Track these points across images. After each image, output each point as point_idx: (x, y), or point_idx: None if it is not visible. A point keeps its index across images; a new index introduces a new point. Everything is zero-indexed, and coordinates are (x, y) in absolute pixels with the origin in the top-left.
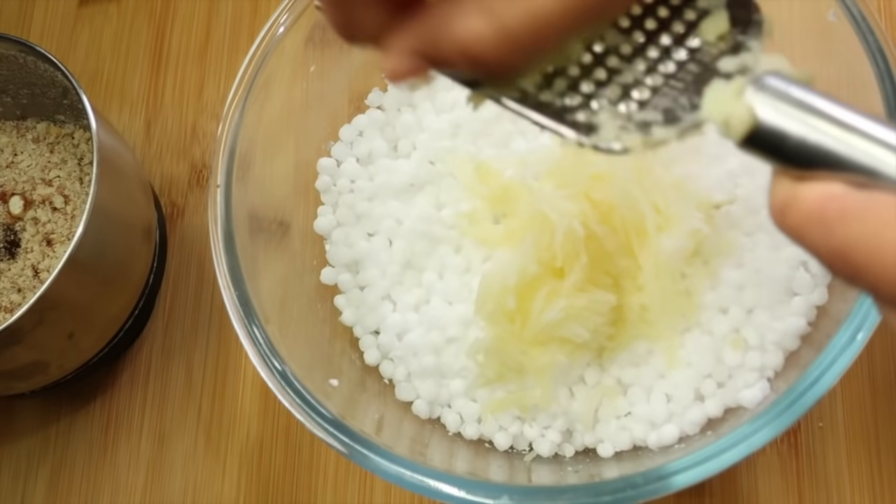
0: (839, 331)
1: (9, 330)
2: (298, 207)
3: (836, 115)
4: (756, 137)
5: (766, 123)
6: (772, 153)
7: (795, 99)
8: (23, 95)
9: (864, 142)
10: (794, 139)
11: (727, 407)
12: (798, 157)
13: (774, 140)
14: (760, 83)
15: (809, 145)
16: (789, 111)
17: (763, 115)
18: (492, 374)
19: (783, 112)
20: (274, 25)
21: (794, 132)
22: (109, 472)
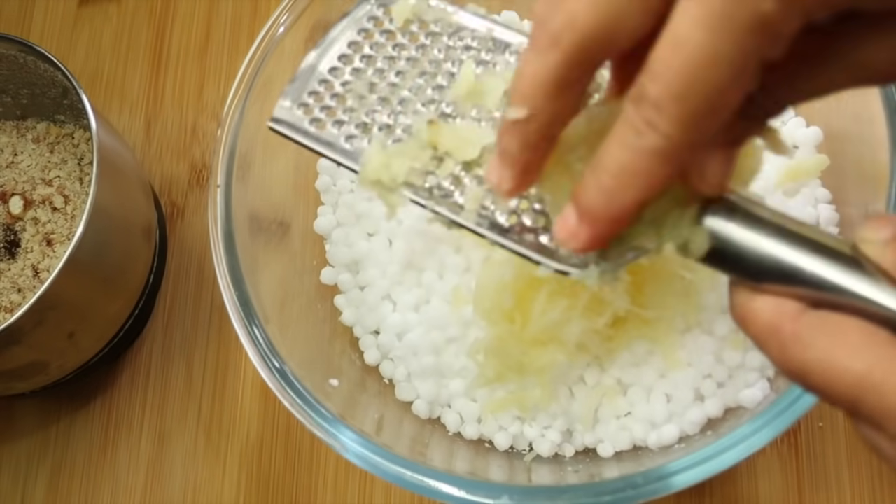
0: None
1: (9, 330)
2: (298, 207)
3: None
4: (713, 256)
5: (721, 244)
6: (729, 268)
7: (748, 218)
8: (23, 95)
9: (814, 259)
10: (749, 256)
11: (727, 407)
12: (754, 271)
13: (731, 257)
14: (715, 205)
15: (764, 262)
16: (742, 231)
17: (719, 236)
18: (492, 374)
19: (737, 232)
20: (274, 25)
21: (749, 250)
22: (109, 472)
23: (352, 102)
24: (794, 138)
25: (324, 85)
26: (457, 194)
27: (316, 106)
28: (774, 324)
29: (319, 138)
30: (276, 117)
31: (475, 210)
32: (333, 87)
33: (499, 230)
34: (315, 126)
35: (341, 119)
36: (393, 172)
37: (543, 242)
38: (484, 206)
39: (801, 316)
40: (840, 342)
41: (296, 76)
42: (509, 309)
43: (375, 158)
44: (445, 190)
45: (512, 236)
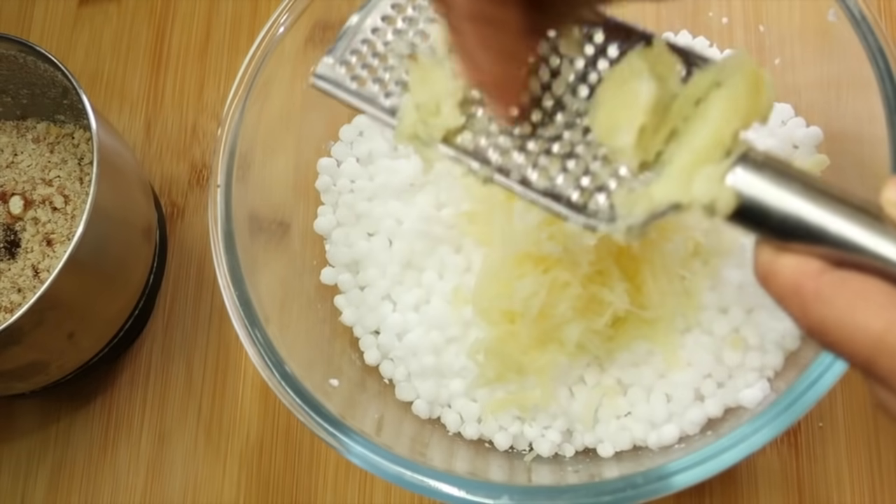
0: None
1: (9, 330)
2: (298, 207)
3: (814, 193)
4: (740, 214)
5: (748, 202)
6: (755, 226)
7: (775, 177)
8: (23, 95)
9: (838, 218)
10: (774, 215)
11: (727, 407)
12: (779, 230)
13: (757, 215)
14: (742, 162)
15: (789, 220)
16: (770, 189)
17: (746, 194)
18: (492, 374)
19: (764, 190)
20: (274, 25)
21: (775, 208)
22: (109, 472)
23: (393, 61)
24: (795, 138)
25: (366, 44)
26: (490, 150)
27: (358, 64)
28: (796, 281)
29: (360, 94)
30: (319, 73)
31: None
32: (375, 47)
33: (529, 186)
34: (356, 83)
35: (381, 77)
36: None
37: (573, 198)
38: (515, 163)
39: (822, 274)
40: (860, 301)
41: (339, 35)
42: (509, 309)
43: (411, 114)
44: (477, 145)
45: (542, 192)
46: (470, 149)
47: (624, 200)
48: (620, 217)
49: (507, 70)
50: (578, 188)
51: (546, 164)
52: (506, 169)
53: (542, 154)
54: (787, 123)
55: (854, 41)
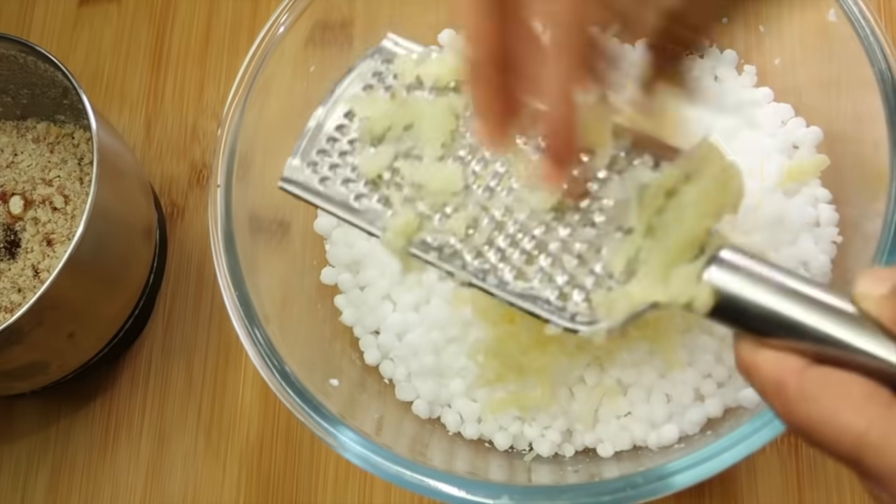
0: None
1: (9, 330)
2: (298, 207)
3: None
4: (718, 312)
5: (725, 300)
6: (733, 323)
7: (751, 274)
8: (23, 95)
9: (815, 315)
10: (752, 311)
11: (727, 407)
12: (757, 326)
13: (735, 312)
14: (717, 261)
15: (766, 317)
16: (745, 287)
17: (723, 291)
18: (492, 375)
19: (740, 288)
20: (274, 26)
21: (752, 305)
22: (109, 472)
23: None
24: (795, 138)
25: (331, 143)
26: (465, 252)
27: (324, 164)
28: (779, 378)
29: (329, 197)
30: (287, 177)
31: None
32: (341, 145)
33: (506, 289)
34: (323, 185)
35: (349, 178)
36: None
37: (551, 300)
38: (493, 265)
39: (804, 371)
40: (842, 399)
41: (303, 133)
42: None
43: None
44: (454, 248)
45: (519, 294)
46: (447, 252)
47: (602, 300)
48: (600, 318)
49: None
50: (556, 289)
51: (521, 265)
52: (482, 272)
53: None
54: (787, 123)
55: (854, 41)
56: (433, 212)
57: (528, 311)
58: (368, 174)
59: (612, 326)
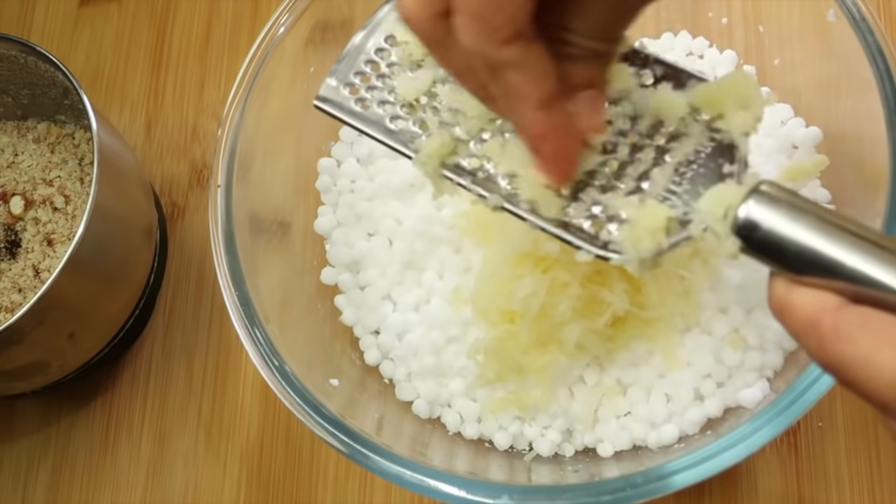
0: None
1: (10, 330)
2: (299, 207)
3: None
4: (754, 246)
5: (762, 234)
6: (769, 259)
7: (790, 210)
8: (23, 96)
9: (854, 253)
10: (789, 248)
11: (727, 407)
12: (794, 263)
13: (771, 248)
14: (755, 194)
15: (804, 254)
16: (784, 222)
17: (760, 226)
18: (492, 375)
19: (778, 223)
20: (274, 26)
21: (790, 242)
22: (110, 472)
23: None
24: (794, 138)
25: (370, 65)
26: (499, 178)
27: (362, 86)
28: (813, 316)
29: (364, 117)
30: (322, 96)
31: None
32: (379, 68)
33: (539, 214)
34: (360, 105)
35: (386, 100)
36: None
37: (584, 227)
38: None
39: (840, 310)
40: (880, 339)
41: (342, 56)
42: (508, 309)
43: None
44: (488, 172)
45: (552, 220)
46: (480, 176)
47: (633, 231)
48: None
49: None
50: (590, 217)
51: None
52: (515, 196)
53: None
54: (786, 123)
55: (854, 41)
56: (469, 137)
57: (559, 237)
58: (406, 97)
59: (643, 257)
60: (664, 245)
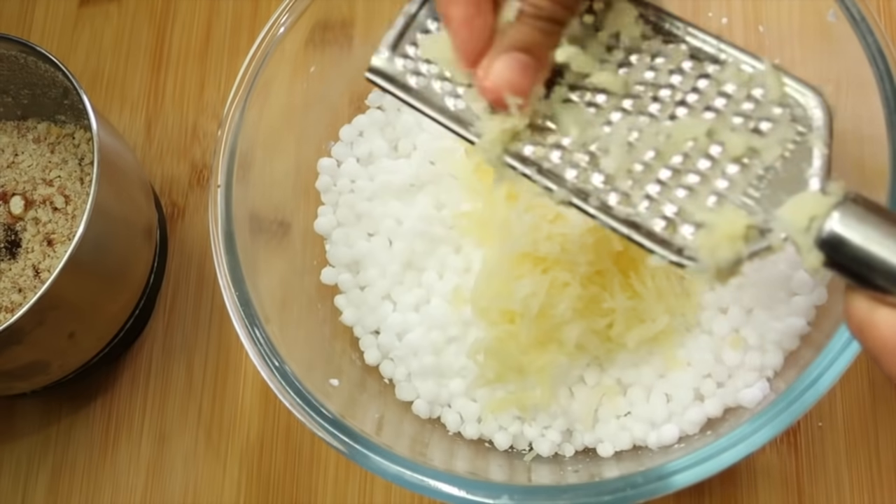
0: (839, 330)
1: (10, 330)
2: (299, 207)
3: None
4: (838, 262)
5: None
6: (852, 275)
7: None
8: (23, 96)
9: None
10: (878, 265)
11: (727, 407)
12: (880, 281)
13: (858, 265)
14: (842, 206)
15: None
16: (874, 237)
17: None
18: (492, 375)
19: (868, 238)
20: (274, 26)
21: (879, 259)
22: (110, 472)
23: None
24: None
25: (427, 36)
26: (566, 170)
27: (418, 59)
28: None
29: (421, 95)
30: (375, 67)
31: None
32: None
33: (609, 212)
34: (416, 80)
35: (445, 76)
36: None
37: (656, 230)
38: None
39: None
40: None
41: (395, 23)
42: (508, 309)
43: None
44: (553, 163)
45: (622, 220)
46: (545, 166)
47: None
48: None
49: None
50: (663, 218)
51: (627, 188)
52: (584, 191)
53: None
54: None
55: (854, 41)
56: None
57: (631, 239)
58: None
59: (721, 266)
60: (744, 254)
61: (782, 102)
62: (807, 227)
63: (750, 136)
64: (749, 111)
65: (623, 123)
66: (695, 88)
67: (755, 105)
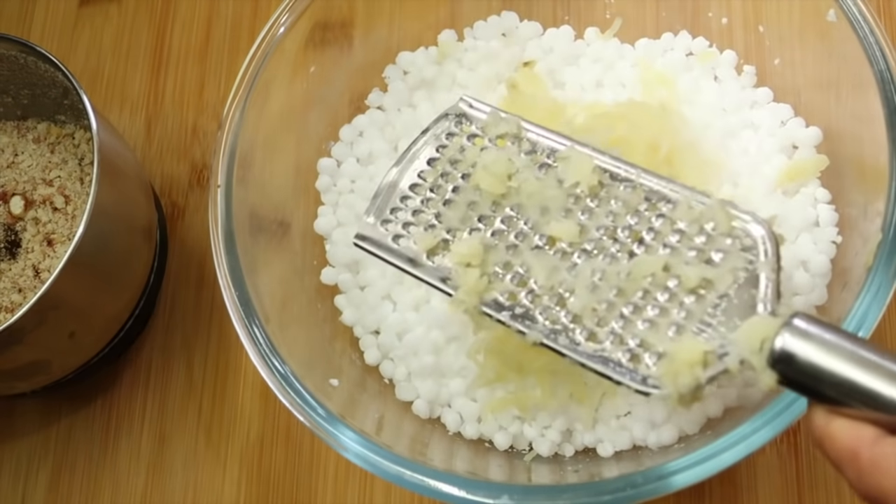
0: None
1: (10, 329)
2: (299, 207)
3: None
4: (790, 379)
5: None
6: (807, 390)
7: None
8: (23, 96)
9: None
10: (826, 380)
11: (727, 407)
12: (832, 394)
13: (809, 380)
14: (790, 327)
15: (841, 386)
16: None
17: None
18: (492, 374)
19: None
20: (274, 26)
21: (827, 374)
22: (110, 472)
23: (432, 219)
24: (794, 138)
25: (405, 201)
26: (536, 313)
27: (399, 222)
28: (852, 449)
29: (402, 255)
30: (361, 234)
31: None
32: (414, 204)
33: (577, 350)
34: (397, 243)
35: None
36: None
37: (623, 362)
38: (561, 323)
39: (878, 442)
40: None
41: (377, 192)
42: None
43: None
44: (525, 307)
45: (590, 355)
46: (518, 311)
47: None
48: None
49: None
50: (627, 350)
51: (593, 326)
52: (553, 332)
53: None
54: (786, 123)
55: (854, 41)
56: (505, 272)
57: (599, 373)
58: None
59: (682, 392)
60: (702, 379)
61: (731, 234)
62: (759, 349)
63: (703, 268)
64: (702, 244)
65: (587, 265)
66: (650, 228)
67: (707, 238)
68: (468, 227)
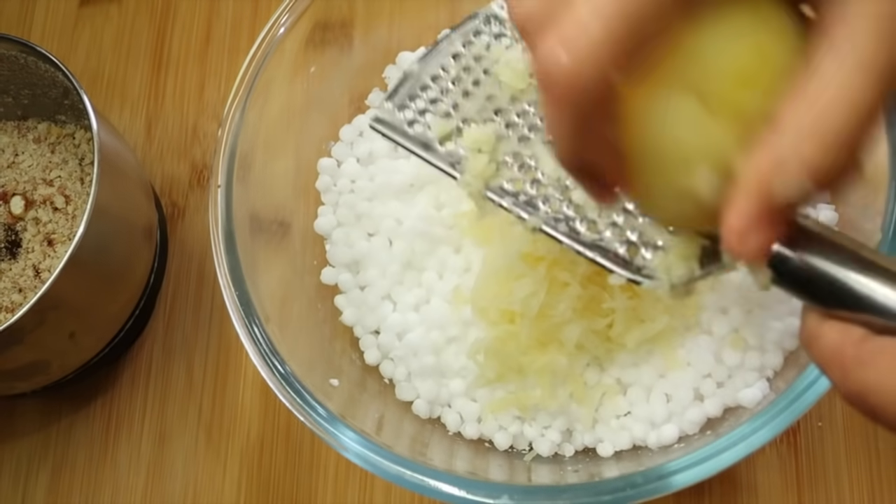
0: None
1: (10, 330)
2: (299, 207)
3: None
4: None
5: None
6: (801, 293)
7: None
8: (24, 96)
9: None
10: (821, 282)
11: (727, 407)
12: (824, 296)
13: (803, 281)
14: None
15: (835, 288)
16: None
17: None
18: (492, 375)
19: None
20: (274, 26)
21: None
22: (110, 472)
23: (449, 108)
24: None
25: (425, 91)
26: (539, 201)
27: (416, 110)
28: (838, 347)
29: (417, 140)
30: (378, 117)
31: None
32: (434, 94)
33: (576, 238)
34: (412, 128)
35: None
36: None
37: (619, 252)
38: (564, 214)
39: (864, 341)
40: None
41: (399, 80)
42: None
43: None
44: (529, 195)
45: (588, 244)
46: (521, 199)
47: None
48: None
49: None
50: (625, 242)
51: (594, 217)
52: (554, 220)
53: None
54: None
55: None
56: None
57: (594, 261)
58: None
59: (675, 283)
60: (696, 273)
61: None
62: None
63: None
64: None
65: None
66: None
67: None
68: (484, 119)
